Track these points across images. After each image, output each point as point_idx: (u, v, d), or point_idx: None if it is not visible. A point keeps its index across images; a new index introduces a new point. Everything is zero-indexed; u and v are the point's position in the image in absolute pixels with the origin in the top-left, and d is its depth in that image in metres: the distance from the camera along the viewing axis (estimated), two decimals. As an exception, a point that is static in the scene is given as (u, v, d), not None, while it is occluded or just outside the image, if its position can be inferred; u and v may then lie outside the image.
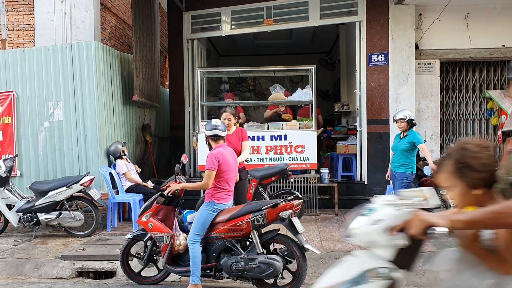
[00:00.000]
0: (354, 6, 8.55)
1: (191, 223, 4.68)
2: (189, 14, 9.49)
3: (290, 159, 7.81)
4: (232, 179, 4.70)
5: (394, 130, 7.40)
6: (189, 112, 9.54)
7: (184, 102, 9.56)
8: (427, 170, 6.59)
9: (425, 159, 6.72)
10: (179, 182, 4.82)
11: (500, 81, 8.65)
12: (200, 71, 8.40)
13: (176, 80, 9.69)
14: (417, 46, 8.26)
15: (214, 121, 4.82)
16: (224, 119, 5.48)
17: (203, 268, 4.61)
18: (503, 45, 8.21)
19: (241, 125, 8.13)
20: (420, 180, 6.85)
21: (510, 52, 8.21)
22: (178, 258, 4.81)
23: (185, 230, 4.78)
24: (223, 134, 4.75)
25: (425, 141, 6.85)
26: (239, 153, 5.46)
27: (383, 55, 8.29)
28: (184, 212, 5.01)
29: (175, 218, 4.90)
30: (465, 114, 8.74)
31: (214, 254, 4.61)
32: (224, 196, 4.62)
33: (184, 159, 5.18)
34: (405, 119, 6.55)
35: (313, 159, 7.84)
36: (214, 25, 9.42)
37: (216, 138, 4.74)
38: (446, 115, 8.76)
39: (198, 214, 4.61)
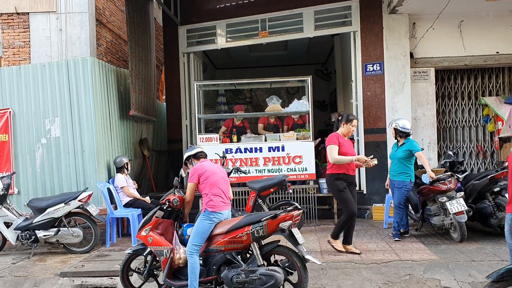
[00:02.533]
0: (348, 16, 8.62)
1: (191, 236, 4.66)
2: (184, 28, 9.55)
3: (288, 170, 7.82)
4: (222, 184, 4.74)
5: (392, 138, 7.41)
6: (186, 125, 9.55)
7: (181, 116, 9.58)
8: (425, 178, 6.58)
9: (423, 167, 6.72)
10: (178, 196, 4.82)
11: (495, 87, 8.71)
12: (196, 84, 8.43)
13: (172, 93, 9.72)
14: (412, 55, 8.31)
15: (195, 145, 5.17)
16: (353, 126, 5.96)
17: (204, 281, 4.57)
18: (497, 52, 8.27)
19: (238, 137, 8.14)
20: (418, 188, 6.84)
21: (505, 59, 8.28)
22: (179, 272, 4.77)
23: (185, 244, 4.75)
24: (203, 152, 5.10)
25: (422, 149, 6.87)
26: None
27: (378, 65, 8.33)
28: (184, 226, 4.98)
29: (175, 231, 4.88)
30: (462, 121, 8.77)
31: (214, 267, 4.58)
32: (219, 203, 4.64)
33: (183, 172, 5.18)
34: (392, 126, 6.66)
35: (311, 169, 7.85)
36: (209, 38, 9.48)
37: (198, 156, 5.01)
38: (443, 123, 8.79)
39: (196, 225, 4.62)
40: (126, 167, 7.44)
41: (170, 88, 9.78)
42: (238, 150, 7.89)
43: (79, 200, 6.51)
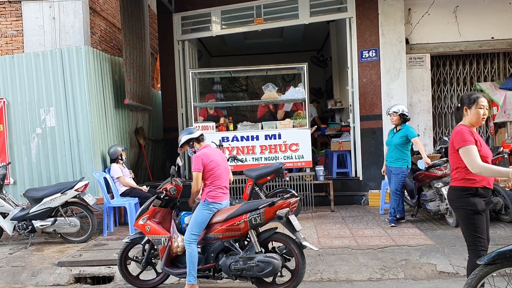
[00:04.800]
0: (344, 2, 8.57)
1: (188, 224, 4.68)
2: (179, 16, 9.47)
3: (285, 157, 7.82)
4: (224, 176, 4.73)
5: (388, 125, 7.43)
6: (182, 113, 9.52)
7: (177, 104, 9.54)
8: (421, 164, 6.62)
9: (418, 153, 6.75)
10: (175, 184, 4.82)
11: (490, 73, 8.72)
12: (191, 72, 8.39)
13: (167, 82, 9.67)
14: (407, 41, 8.29)
15: (193, 127, 4.98)
16: (482, 107, 3.71)
17: (202, 269, 4.61)
18: (492, 37, 8.26)
19: (235, 125, 8.14)
20: (414, 173, 6.87)
21: (499, 44, 8.27)
22: (177, 260, 4.80)
23: (183, 232, 4.77)
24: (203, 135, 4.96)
25: (418, 135, 6.89)
26: None
27: (374, 51, 8.31)
28: (181, 214, 5.00)
29: (173, 220, 4.89)
30: (457, 107, 8.77)
31: (212, 255, 4.61)
32: (219, 194, 4.64)
33: (180, 161, 5.17)
34: (397, 112, 6.61)
35: (308, 157, 7.86)
36: (204, 25, 9.41)
37: (200, 140, 4.90)
38: (438, 109, 8.81)
39: (195, 214, 4.62)
40: (121, 157, 7.42)
41: (165, 76, 9.72)
42: (235, 139, 7.88)
43: (75, 190, 6.51)
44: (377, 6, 8.25)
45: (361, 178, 8.54)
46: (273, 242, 4.69)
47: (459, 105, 3.83)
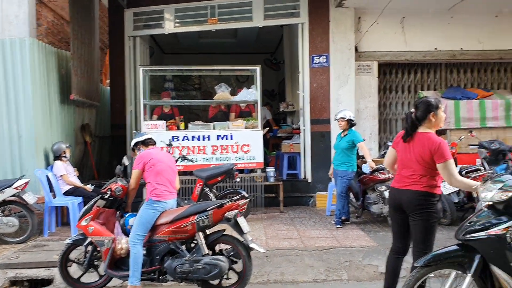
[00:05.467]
0: (297, 8, 8.70)
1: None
2: (131, 11, 9.26)
3: (236, 158, 7.85)
4: (168, 173, 4.70)
5: (336, 129, 7.60)
6: (131, 111, 9.31)
7: (126, 101, 9.32)
8: (365, 168, 6.84)
9: (364, 157, 6.97)
10: (121, 184, 4.73)
11: (433, 82, 9.13)
12: (142, 69, 8.24)
13: (117, 78, 9.43)
14: (356, 49, 8.54)
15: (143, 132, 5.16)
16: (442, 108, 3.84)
17: (147, 271, 4.53)
18: (435, 48, 8.65)
19: (186, 125, 8.07)
20: (359, 177, 7.09)
21: (442, 55, 8.68)
22: (121, 263, 4.68)
23: (127, 234, 4.67)
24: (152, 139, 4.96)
25: (364, 140, 7.11)
26: None
27: (324, 57, 8.49)
28: (126, 215, 4.89)
29: (117, 221, 4.78)
30: (402, 114, 9.14)
31: (158, 257, 4.54)
32: (164, 192, 4.59)
33: (126, 160, 5.07)
34: (345, 118, 6.81)
35: (259, 158, 7.92)
36: (157, 22, 9.25)
37: (147, 143, 4.89)
38: (384, 115, 9.12)
39: (139, 214, 4.55)
40: (65, 154, 7.17)
41: (115, 72, 9.49)
42: (185, 138, 7.81)
43: (14, 188, 6.21)
44: (329, 13, 8.44)
45: (310, 180, 8.70)
46: (221, 244, 4.67)
47: (414, 111, 3.81)
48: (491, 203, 3.33)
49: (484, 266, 3.26)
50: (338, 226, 6.82)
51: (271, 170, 8.17)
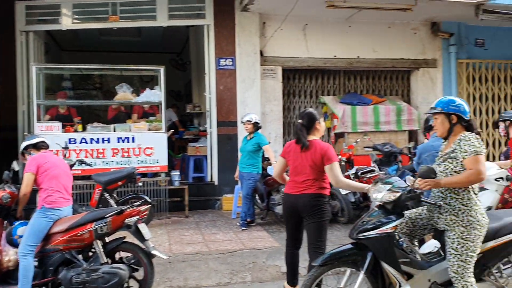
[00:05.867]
0: (202, 9, 8.65)
1: (22, 236, 4.24)
2: (23, 4, 8.56)
3: (138, 162, 7.60)
4: (63, 179, 4.45)
5: (242, 132, 7.68)
6: (23, 111, 8.61)
7: (17, 100, 8.59)
8: (270, 170, 7.00)
9: (269, 159, 7.12)
10: (9, 191, 4.37)
11: (333, 88, 9.59)
12: (35, 67, 7.67)
13: (7, 75, 8.63)
14: (262, 53, 8.69)
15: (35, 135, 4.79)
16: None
17: (38, 284, 4.23)
18: (335, 56, 9.09)
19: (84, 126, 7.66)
20: (264, 179, 7.23)
21: (341, 63, 9.14)
22: (8, 276, 4.31)
23: (15, 244, 4.31)
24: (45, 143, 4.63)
25: (269, 143, 7.28)
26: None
27: (230, 60, 8.55)
28: (16, 224, 4.51)
29: (4, 231, 4.39)
30: (305, 118, 9.47)
31: (51, 268, 4.27)
32: (58, 199, 4.33)
33: (16, 165, 4.69)
34: (251, 121, 6.92)
35: (163, 161, 7.74)
36: (53, 17, 8.64)
37: (39, 146, 4.57)
38: (288, 118, 9.40)
39: (31, 223, 4.24)
40: None
41: (4, 69, 8.67)
42: (83, 141, 7.41)
43: None
44: (234, 16, 8.50)
45: (216, 183, 8.69)
46: (121, 252, 4.50)
47: (302, 121, 4.11)
48: (381, 203, 3.56)
49: (376, 263, 3.47)
50: (244, 228, 6.89)
51: (176, 173, 8.05)
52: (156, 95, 8.02)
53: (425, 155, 4.82)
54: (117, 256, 4.49)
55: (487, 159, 6.83)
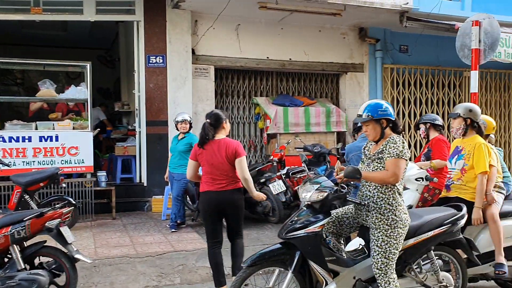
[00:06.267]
0: (132, 5, 8.37)
1: None
2: None
3: (62, 162, 7.26)
4: None
5: (173, 131, 7.54)
6: None
7: None
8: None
9: (200, 160, 7.03)
10: None
11: (265, 89, 9.67)
12: None
13: None
14: (193, 51, 8.58)
15: None
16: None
17: None
18: (267, 57, 9.17)
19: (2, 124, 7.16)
20: (196, 180, 7.13)
21: (273, 64, 9.24)
22: None
23: None
24: None
25: (201, 143, 7.19)
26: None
27: (161, 57, 8.35)
28: None
29: None
30: (237, 118, 9.50)
31: (-42, 278, 3.94)
32: None
33: None
34: (187, 120, 6.82)
35: (89, 161, 7.44)
36: (-32, 7, 8.02)
37: None
38: (220, 118, 9.34)
39: None
40: None
41: None
42: (1, 139, 6.93)
43: None
44: (165, 13, 8.30)
45: (145, 184, 8.46)
46: (41, 257, 4.28)
47: (210, 120, 4.41)
48: (309, 202, 3.62)
49: (304, 262, 3.53)
50: (173, 230, 6.77)
51: (102, 174, 7.75)
52: (82, 92, 7.67)
53: (351, 155, 5.02)
54: (36, 261, 4.28)
55: (410, 159, 7.24)
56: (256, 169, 7.35)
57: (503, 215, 4.42)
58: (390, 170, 3.44)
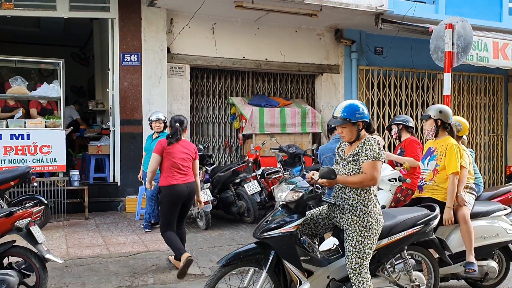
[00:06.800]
0: (107, 2, 8.24)
1: None
2: None
3: (34, 160, 7.12)
4: None
5: (148, 131, 7.46)
6: None
7: None
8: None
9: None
10: None
11: (241, 89, 9.65)
12: None
13: None
14: (169, 50, 8.49)
15: None
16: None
17: None
18: (243, 57, 9.14)
19: None
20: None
21: (249, 64, 9.22)
22: None
23: None
24: None
25: (175, 142, 7.15)
26: None
27: (136, 56, 8.24)
28: None
29: None
30: (212, 118, 9.46)
31: None
32: None
33: None
34: (162, 119, 6.77)
35: (62, 160, 7.31)
36: None
37: None
38: (196, 118, 9.30)
39: None
40: None
41: None
42: (-31, 137, 6.75)
43: None
44: (141, 11, 8.19)
45: (119, 184, 8.35)
46: (10, 257, 4.20)
47: (179, 124, 5.24)
48: (284, 202, 3.63)
49: (278, 262, 3.54)
50: (147, 230, 6.70)
51: (75, 173, 7.63)
52: (54, 90, 7.51)
53: (324, 157, 5.04)
54: (5, 261, 4.20)
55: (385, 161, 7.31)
56: (231, 169, 7.34)
57: (474, 216, 4.53)
58: (368, 173, 3.45)
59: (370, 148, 3.49)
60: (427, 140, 4.84)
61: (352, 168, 3.57)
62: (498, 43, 7.90)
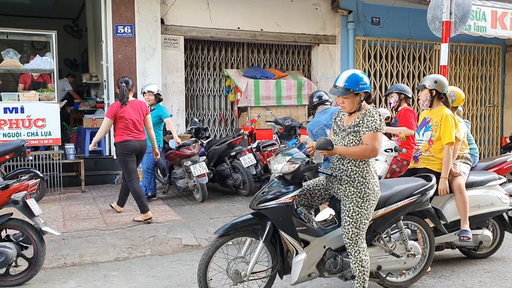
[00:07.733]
0: (99, -28, 8.09)
1: None
2: None
3: (29, 134, 7.07)
4: None
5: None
6: None
7: None
8: (172, 143, 6.87)
9: (171, 133, 6.97)
10: None
11: (236, 61, 9.55)
12: None
13: None
14: (163, 21, 8.34)
15: None
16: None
17: None
18: (238, 28, 9.01)
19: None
20: (166, 152, 7.08)
21: (244, 35, 9.09)
22: None
23: None
24: None
25: (171, 115, 7.13)
26: None
27: (129, 27, 8.09)
28: None
29: None
30: (208, 90, 9.39)
31: None
32: None
33: None
34: (153, 92, 6.72)
35: (56, 134, 7.27)
36: None
37: None
38: (191, 91, 9.23)
39: None
40: None
41: None
42: (-37, 111, 6.68)
43: None
44: (134, -19, 8.06)
45: (115, 157, 8.31)
46: (8, 229, 4.23)
47: (126, 85, 5.74)
48: (281, 174, 3.63)
49: (274, 232, 3.56)
50: (144, 202, 6.72)
51: (70, 146, 7.61)
52: (47, 62, 7.41)
53: (315, 131, 5.00)
54: (3, 234, 4.22)
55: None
56: (227, 142, 7.33)
57: (469, 186, 4.56)
58: (370, 145, 3.42)
59: (371, 119, 3.45)
60: (423, 110, 4.82)
61: (352, 139, 3.54)
62: (497, 12, 7.80)
